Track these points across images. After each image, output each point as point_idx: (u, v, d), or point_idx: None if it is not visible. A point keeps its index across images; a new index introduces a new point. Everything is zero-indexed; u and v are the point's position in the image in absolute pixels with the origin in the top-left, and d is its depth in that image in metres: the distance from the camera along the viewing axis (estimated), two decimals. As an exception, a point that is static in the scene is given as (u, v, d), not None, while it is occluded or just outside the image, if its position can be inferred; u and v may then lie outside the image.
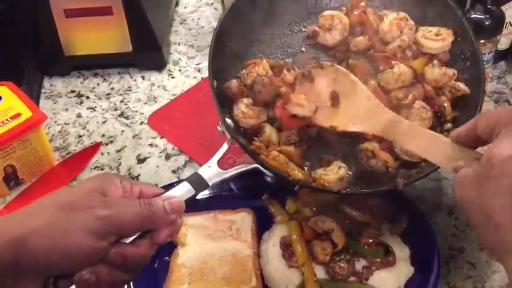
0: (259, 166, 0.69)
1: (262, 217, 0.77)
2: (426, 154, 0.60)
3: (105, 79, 1.04)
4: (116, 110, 0.98)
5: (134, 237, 0.52)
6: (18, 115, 0.80)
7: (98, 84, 1.03)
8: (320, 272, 0.69)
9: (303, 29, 0.84)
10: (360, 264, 0.70)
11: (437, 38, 0.77)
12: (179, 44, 1.11)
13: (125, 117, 0.97)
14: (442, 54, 0.77)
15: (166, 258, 0.73)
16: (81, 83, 1.03)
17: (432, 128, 0.73)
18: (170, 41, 1.10)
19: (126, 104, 0.99)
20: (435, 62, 0.76)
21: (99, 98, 1.00)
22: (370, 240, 0.72)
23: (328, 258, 0.69)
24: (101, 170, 0.88)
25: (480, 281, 0.72)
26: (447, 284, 0.72)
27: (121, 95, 1.01)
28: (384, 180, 0.69)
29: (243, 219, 0.76)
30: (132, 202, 0.52)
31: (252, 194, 0.78)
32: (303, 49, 0.83)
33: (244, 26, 0.80)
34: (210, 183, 0.64)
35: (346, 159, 0.72)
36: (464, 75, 0.76)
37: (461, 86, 0.74)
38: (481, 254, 0.75)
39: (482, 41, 0.90)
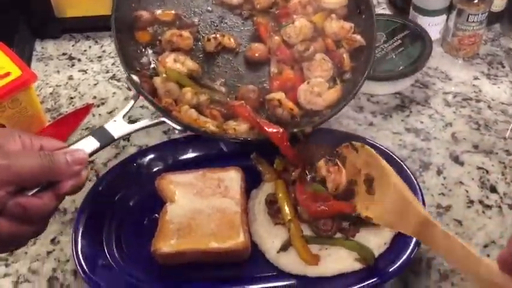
0: (166, 120, 0.70)
1: (252, 175, 0.77)
2: (463, 269, 0.53)
3: (96, 42, 1.04)
4: (107, 72, 0.98)
5: (37, 189, 0.51)
6: (7, 74, 0.80)
7: (90, 47, 1.03)
8: (305, 230, 0.70)
9: None
10: (346, 221, 0.71)
11: None
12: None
13: (117, 80, 0.97)
14: (339, 9, 0.81)
15: (156, 215, 0.73)
16: (72, 45, 1.03)
17: (333, 78, 0.77)
18: (162, 4, 1.09)
19: (117, 67, 0.99)
20: (333, 16, 0.80)
21: (91, 61, 1.00)
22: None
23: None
24: (92, 131, 0.89)
25: (466, 237, 0.73)
26: (433, 240, 0.72)
27: (113, 57, 1.01)
28: (289, 129, 0.72)
29: (232, 177, 0.76)
30: (31, 153, 0.52)
31: (242, 153, 0.79)
32: (209, 8, 0.84)
33: None
34: (115, 137, 0.65)
35: (254, 109, 0.75)
36: (360, 28, 0.80)
37: (358, 38, 0.79)
38: (467, 211, 0.75)
39: (475, 1, 0.89)
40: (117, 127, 0.66)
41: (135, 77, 0.73)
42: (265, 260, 0.70)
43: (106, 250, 0.70)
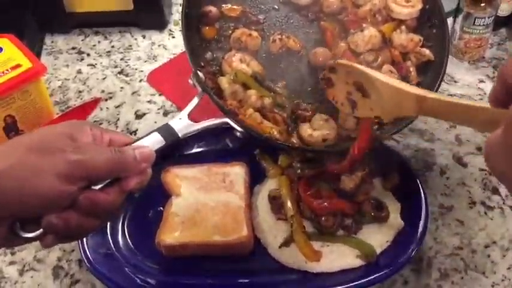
0: (229, 121, 0.69)
1: (256, 171, 0.78)
2: (465, 123, 0.54)
3: (106, 37, 1.05)
4: (115, 67, 0.99)
5: (103, 184, 0.51)
6: (18, 66, 0.81)
7: (99, 42, 1.04)
8: (308, 227, 0.70)
9: None
10: (349, 218, 0.72)
11: (407, 5, 0.79)
12: (180, 5, 1.11)
13: (125, 75, 0.98)
14: (410, 21, 0.79)
15: (161, 208, 0.74)
16: (82, 40, 1.04)
17: None
18: (172, 2, 1.11)
19: (126, 62, 1.00)
20: (403, 27, 0.78)
21: (100, 56, 1.01)
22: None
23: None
24: (100, 124, 0.90)
25: (467, 237, 0.73)
26: (434, 239, 0.73)
27: (121, 53, 1.02)
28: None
29: (237, 172, 0.77)
30: (103, 149, 0.51)
31: (247, 148, 0.80)
32: (276, 6, 0.83)
33: None
34: (180, 135, 0.64)
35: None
36: (430, 43, 0.78)
37: (427, 52, 0.77)
38: (469, 212, 0.76)
39: (482, 4, 0.90)
40: (182, 125, 0.64)
41: (200, 74, 0.73)
42: (267, 254, 0.70)
43: (111, 241, 0.71)
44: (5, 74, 0.80)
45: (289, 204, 0.71)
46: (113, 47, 1.03)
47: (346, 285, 0.65)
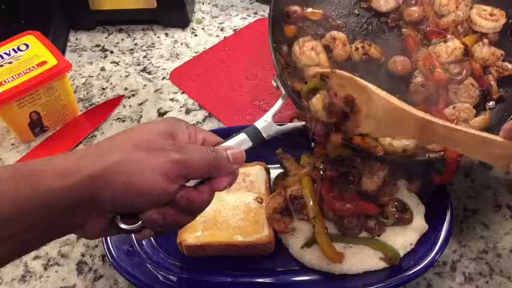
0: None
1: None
2: (476, 154, 0.53)
3: (129, 35, 1.05)
4: (138, 65, 1.00)
5: (196, 182, 0.53)
6: (44, 63, 0.82)
7: (122, 39, 1.05)
8: (331, 228, 0.70)
9: None
10: (372, 220, 0.71)
11: (491, 18, 0.78)
12: (203, 3, 1.11)
13: (148, 72, 0.98)
14: (492, 34, 0.78)
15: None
16: (105, 38, 1.05)
17: (477, 105, 0.74)
18: (194, 0, 1.11)
19: (149, 60, 1.01)
20: (485, 41, 0.77)
21: (123, 53, 1.02)
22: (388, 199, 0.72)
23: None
24: (123, 121, 0.90)
25: (492, 241, 0.72)
26: (459, 242, 0.72)
27: (144, 50, 1.02)
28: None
29: (257, 172, 0.77)
30: (201, 149, 0.53)
31: (268, 148, 0.79)
32: (356, 11, 0.83)
33: None
34: (265, 137, 0.64)
35: None
36: (511, 57, 0.77)
37: (509, 66, 0.76)
38: (495, 215, 0.75)
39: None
40: (267, 127, 0.64)
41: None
42: (288, 255, 0.70)
43: (134, 238, 0.71)
44: (31, 71, 0.81)
45: (311, 205, 0.71)
46: (136, 44, 1.04)
47: (368, 288, 0.65)
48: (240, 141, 0.60)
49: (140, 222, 0.51)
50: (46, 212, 0.46)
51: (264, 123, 0.64)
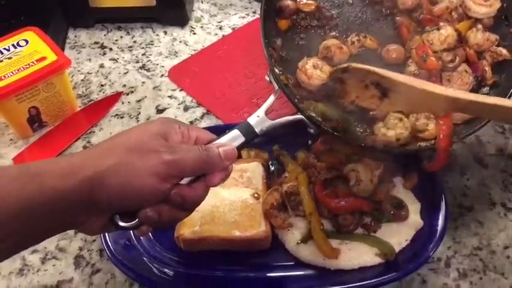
0: (305, 119, 0.70)
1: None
2: (503, 121, 0.59)
3: (128, 32, 1.06)
4: (137, 62, 1.00)
5: (190, 179, 0.55)
6: (43, 58, 0.83)
7: (121, 37, 1.05)
8: (326, 225, 0.71)
9: None
10: (368, 217, 0.71)
11: (485, 3, 0.77)
12: (202, 2, 1.12)
13: (146, 70, 0.99)
14: (486, 19, 0.78)
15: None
16: (104, 35, 1.06)
17: (472, 91, 0.73)
18: (193, -2, 1.12)
19: (147, 57, 1.01)
20: (479, 26, 0.77)
21: (122, 50, 1.03)
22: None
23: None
24: (121, 118, 0.91)
25: (486, 238, 0.73)
26: (453, 239, 0.73)
27: (143, 48, 1.03)
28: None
29: (254, 168, 0.77)
30: (193, 148, 0.55)
31: (265, 145, 0.80)
32: (350, 1, 0.83)
33: None
34: (258, 132, 0.65)
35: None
36: (506, 42, 0.76)
37: (504, 51, 0.75)
38: (489, 213, 0.75)
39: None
40: (260, 122, 0.65)
41: (277, 71, 0.73)
42: (285, 250, 0.71)
43: (132, 233, 0.72)
44: (30, 66, 0.82)
45: (307, 201, 0.72)
46: (134, 42, 1.04)
47: (364, 283, 0.65)
48: (232, 137, 0.62)
49: (137, 219, 0.53)
50: (48, 211, 0.49)
51: (257, 118, 0.66)
